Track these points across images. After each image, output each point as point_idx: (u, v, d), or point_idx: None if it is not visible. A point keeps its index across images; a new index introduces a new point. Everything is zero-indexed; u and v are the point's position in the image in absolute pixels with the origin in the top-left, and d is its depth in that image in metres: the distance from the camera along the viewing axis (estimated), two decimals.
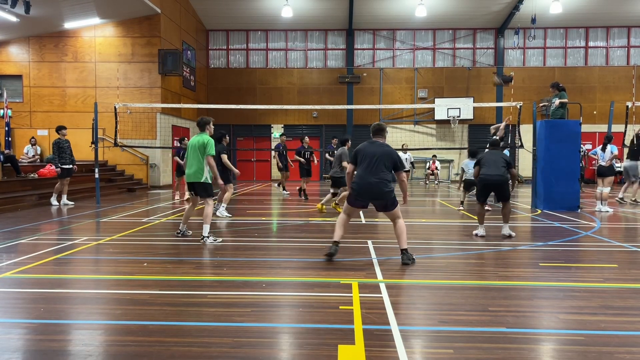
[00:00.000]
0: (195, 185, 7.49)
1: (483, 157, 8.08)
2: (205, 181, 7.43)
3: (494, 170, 7.78)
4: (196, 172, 7.41)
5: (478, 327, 3.68)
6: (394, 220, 5.93)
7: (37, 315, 3.95)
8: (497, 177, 7.76)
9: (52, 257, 6.09)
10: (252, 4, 22.53)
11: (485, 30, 24.44)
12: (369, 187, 5.75)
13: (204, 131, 7.57)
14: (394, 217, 5.91)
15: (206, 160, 7.35)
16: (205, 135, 7.49)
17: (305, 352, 3.22)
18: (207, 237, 7.20)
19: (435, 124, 24.27)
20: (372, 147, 5.91)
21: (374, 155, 5.81)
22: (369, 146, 5.93)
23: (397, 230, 5.87)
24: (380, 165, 5.77)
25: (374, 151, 5.84)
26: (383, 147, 5.92)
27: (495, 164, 7.84)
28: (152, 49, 18.54)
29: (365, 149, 5.93)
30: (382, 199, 5.81)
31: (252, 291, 4.64)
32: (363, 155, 5.88)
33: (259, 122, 24.90)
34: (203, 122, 7.62)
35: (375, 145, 5.93)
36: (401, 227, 5.86)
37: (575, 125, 11.50)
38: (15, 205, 11.29)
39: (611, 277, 5.26)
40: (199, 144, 7.37)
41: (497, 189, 7.96)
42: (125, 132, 16.76)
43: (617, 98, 20.08)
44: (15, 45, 18.86)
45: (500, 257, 6.27)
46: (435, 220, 10.05)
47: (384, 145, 5.97)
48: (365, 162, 5.83)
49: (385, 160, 5.80)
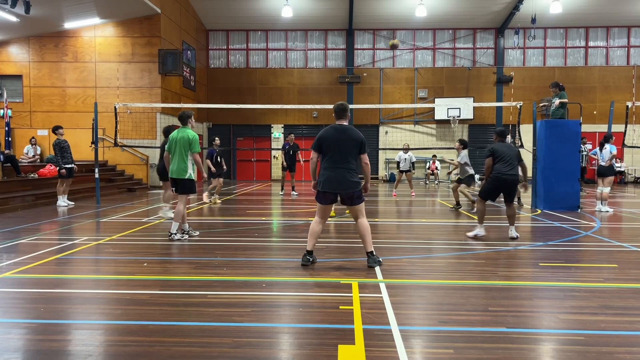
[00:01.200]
0: (178, 181, 7.46)
1: (500, 150, 7.29)
2: (189, 177, 7.42)
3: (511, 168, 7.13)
4: (180, 169, 7.39)
5: (478, 327, 3.68)
6: (357, 217, 5.58)
7: (37, 315, 3.95)
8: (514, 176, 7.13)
9: (52, 257, 6.09)
10: (252, 4, 22.53)
11: (485, 30, 24.44)
12: (336, 178, 5.44)
13: (185, 125, 7.53)
14: (357, 214, 5.56)
15: (192, 157, 7.33)
16: (189, 131, 7.46)
17: (305, 352, 3.22)
18: (175, 234, 7.27)
19: (435, 124, 24.26)
20: (336, 133, 5.49)
21: (339, 143, 5.46)
22: (334, 132, 5.51)
23: (361, 230, 5.54)
24: (346, 154, 5.46)
25: (339, 138, 5.46)
26: (347, 131, 5.51)
27: (512, 161, 7.17)
28: (152, 49, 18.54)
29: (330, 136, 5.50)
30: (350, 189, 5.46)
31: (252, 291, 4.64)
32: (328, 144, 5.49)
33: (259, 122, 24.90)
34: (185, 115, 7.57)
35: (339, 131, 5.51)
36: (365, 226, 5.54)
37: (575, 125, 11.50)
38: (15, 205, 11.29)
39: (611, 277, 5.26)
40: (184, 140, 7.34)
41: (510, 189, 7.34)
42: (125, 132, 16.76)
43: (617, 98, 20.08)
44: (15, 45, 18.86)
45: (500, 257, 6.27)
46: (435, 220, 10.04)
47: (349, 129, 5.54)
48: (330, 151, 5.48)
49: (351, 147, 5.47)
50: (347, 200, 5.54)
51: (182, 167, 7.36)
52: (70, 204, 12.11)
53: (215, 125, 24.87)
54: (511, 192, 7.40)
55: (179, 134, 7.40)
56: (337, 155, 5.47)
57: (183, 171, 7.36)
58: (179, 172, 7.37)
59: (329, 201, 5.60)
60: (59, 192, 12.01)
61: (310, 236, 5.64)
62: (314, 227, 5.65)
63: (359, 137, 5.54)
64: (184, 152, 7.33)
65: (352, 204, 5.55)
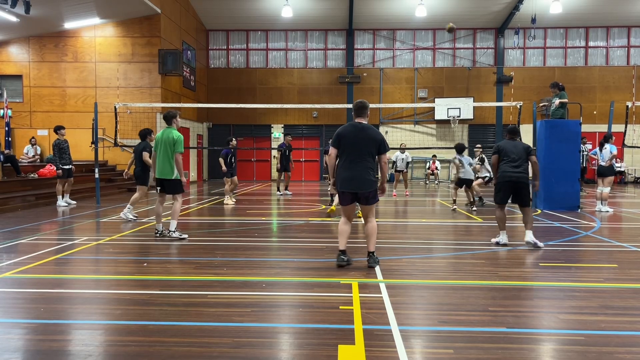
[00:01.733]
0: (164, 182, 7.47)
1: (505, 148, 6.93)
2: (176, 178, 7.43)
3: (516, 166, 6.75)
4: (165, 169, 7.38)
5: (478, 327, 3.68)
6: (367, 217, 5.61)
7: (37, 315, 3.95)
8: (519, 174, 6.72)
9: (52, 257, 6.09)
10: (252, 4, 22.53)
11: (485, 30, 24.44)
12: (354, 177, 5.42)
13: (170, 125, 7.51)
14: (368, 214, 5.59)
15: (174, 157, 7.33)
16: (174, 131, 7.43)
17: (305, 352, 3.22)
18: (174, 231, 7.30)
19: (435, 124, 24.27)
20: (355, 130, 5.48)
21: (357, 141, 5.44)
22: (353, 130, 5.51)
23: (369, 230, 5.55)
24: (364, 153, 5.44)
25: (357, 136, 5.45)
26: (367, 130, 5.49)
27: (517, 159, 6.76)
28: (152, 49, 18.54)
29: (349, 133, 5.50)
30: (368, 189, 5.44)
31: (252, 291, 4.63)
32: (346, 142, 5.48)
33: (259, 122, 24.90)
34: (169, 115, 7.54)
35: (358, 128, 5.49)
36: (373, 227, 5.57)
37: (575, 125, 11.49)
38: (15, 205, 11.29)
39: (611, 277, 5.26)
40: (169, 139, 7.32)
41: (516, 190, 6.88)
42: (125, 132, 16.74)
43: (617, 98, 20.07)
44: (15, 45, 18.86)
45: (500, 257, 6.27)
46: (435, 220, 10.04)
47: (368, 128, 5.54)
48: (348, 149, 5.46)
49: (370, 146, 5.46)
50: (363, 199, 5.53)
51: (167, 168, 7.37)
52: (72, 203, 12.15)
53: (215, 125, 24.87)
54: (520, 193, 6.87)
55: (164, 134, 7.38)
56: (355, 153, 5.44)
57: (169, 172, 7.37)
58: (165, 172, 7.39)
59: (350, 201, 5.56)
60: (58, 191, 12.02)
61: (340, 236, 5.62)
62: (342, 227, 5.64)
63: (378, 137, 5.53)
64: (170, 152, 7.31)
65: (366, 203, 5.55)
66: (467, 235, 7.93)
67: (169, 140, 7.30)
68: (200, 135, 24.07)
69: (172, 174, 7.38)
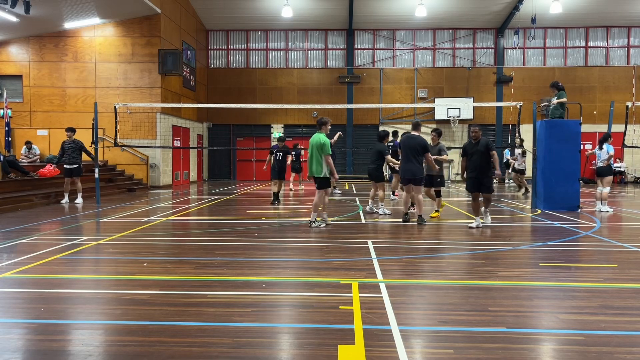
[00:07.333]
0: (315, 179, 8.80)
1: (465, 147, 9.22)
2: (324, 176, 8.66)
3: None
4: (316, 169, 8.61)
5: (478, 327, 3.68)
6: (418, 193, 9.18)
7: (37, 315, 3.95)
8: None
9: (52, 257, 6.09)
10: (252, 4, 22.53)
11: (485, 30, 24.44)
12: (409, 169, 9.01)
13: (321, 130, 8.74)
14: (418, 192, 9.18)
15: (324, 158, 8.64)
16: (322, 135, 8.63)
17: (305, 352, 3.22)
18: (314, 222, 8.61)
19: (436, 124, 24.25)
20: (408, 140, 9.11)
21: (409, 146, 8.99)
22: (406, 139, 9.15)
23: (419, 200, 9.10)
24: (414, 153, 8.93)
25: (409, 144, 9.02)
26: (415, 139, 9.02)
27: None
28: (152, 49, 18.53)
29: (404, 142, 9.14)
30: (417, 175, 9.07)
31: (252, 291, 4.64)
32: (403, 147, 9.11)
33: (259, 122, 24.91)
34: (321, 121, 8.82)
35: (410, 138, 9.09)
36: (420, 199, 9.10)
37: (575, 125, 11.49)
38: (15, 205, 11.29)
39: (611, 277, 5.26)
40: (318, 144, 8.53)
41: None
42: (125, 132, 16.76)
43: (617, 98, 20.09)
44: (15, 45, 18.86)
45: (500, 257, 6.27)
46: (435, 220, 10.03)
47: (416, 137, 9.05)
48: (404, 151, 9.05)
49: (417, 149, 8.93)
50: (416, 181, 9.12)
51: (317, 168, 8.58)
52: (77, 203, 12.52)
53: (215, 125, 24.88)
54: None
55: (315, 139, 8.56)
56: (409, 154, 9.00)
57: (319, 171, 8.57)
58: (316, 171, 8.59)
59: (407, 182, 9.23)
60: (66, 190, 12.64)
61: (404, 204, 9.41)
62: (404, 197, 9.46)
63: (422, 142, 8.97)
64: (319, 154, 8.49)
65: (417, 184, 9.18)
66: (467, 235, 7.93)
67: (318, 144, 8.45)
68: (200, 135, 24.08)
69: (322, 173, 8.54)
